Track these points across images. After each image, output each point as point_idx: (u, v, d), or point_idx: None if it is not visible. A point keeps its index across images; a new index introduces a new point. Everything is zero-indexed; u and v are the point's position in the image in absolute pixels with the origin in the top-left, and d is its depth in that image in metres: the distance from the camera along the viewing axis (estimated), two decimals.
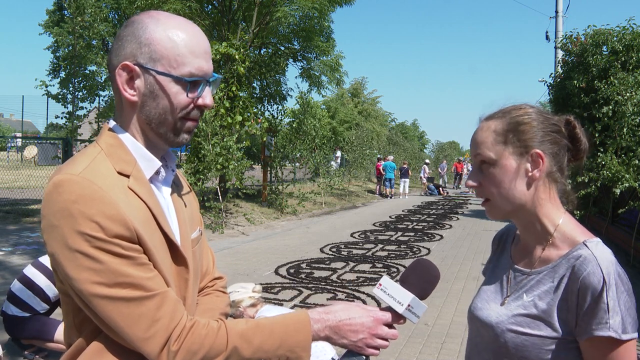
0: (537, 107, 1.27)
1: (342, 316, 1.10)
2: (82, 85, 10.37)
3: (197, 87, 1.09)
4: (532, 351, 1.15)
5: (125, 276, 0.97)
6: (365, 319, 1.11)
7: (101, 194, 0.97)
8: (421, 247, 9.53)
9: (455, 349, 4.52)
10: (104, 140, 1.10)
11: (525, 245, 1.28)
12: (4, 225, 9.48)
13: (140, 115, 1.09)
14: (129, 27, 1.09)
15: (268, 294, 6.12)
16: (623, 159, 8.31)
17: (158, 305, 0.99)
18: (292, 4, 15.28)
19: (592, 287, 1.09)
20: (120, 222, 0.97)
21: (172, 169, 1.21)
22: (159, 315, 0.99)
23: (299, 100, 17.24)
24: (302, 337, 1.06)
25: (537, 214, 1.22)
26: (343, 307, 1.13)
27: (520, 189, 1.20)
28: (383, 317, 1.12)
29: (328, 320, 1.10)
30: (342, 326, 1.10)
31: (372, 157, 25.19)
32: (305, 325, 1.08)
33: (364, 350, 1.11)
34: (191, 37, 1.08)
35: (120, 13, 27.13)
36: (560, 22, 17.79)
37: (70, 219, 0.95)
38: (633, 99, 8.34)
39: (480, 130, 1.26)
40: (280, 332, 1.06)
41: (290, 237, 10.83)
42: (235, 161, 10.87)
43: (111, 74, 1.10)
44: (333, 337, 1.10)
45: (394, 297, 1.14)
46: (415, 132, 57.73)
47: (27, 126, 45.70)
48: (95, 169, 1.02)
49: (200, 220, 1.32)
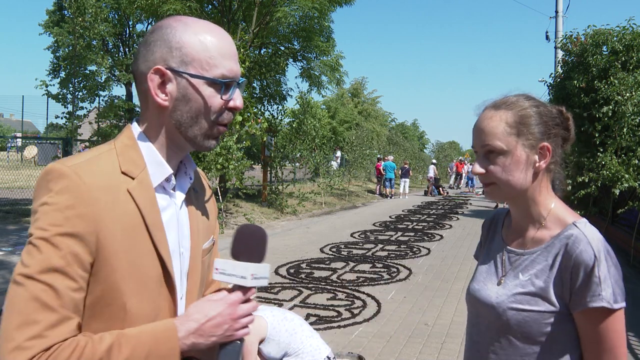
0: (538, 99, 1.33)
1: (199, 317, 1.05)
2: (82, 85, 10.37)
3: (229, 89, 1.09)
4: (533, 326, 1.23)
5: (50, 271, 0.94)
6: (220, 308, 1.07)
7: (83, 189, 0.97)
8: (421, 247, 9.53)
9: (455, 349, 4.52)
10: (121, 140, 1.10)
11: (518, 228, 1.36)
12: (4, 225, 9.48)
13: (169, 119, 1.09)
14: (156, 32, 1.08)
15: (268, 293, 6.12)
16: (623, 159, 8.31)
17: (42, 308, 0.93)
18: (292, 4, 15.26)
19: (585, 264, 1.18)
20: (84, 221, 0.96)
21: (189, 176, 1.19)
22: (38, 319, 0.93)
23: (299, 100, 17.25)
24: (171, 346, 1.01)
25: (535, 199, 1.31)
26: (196, 309, 1.07)
27: (527, 179, 1.28)
28: (236, 298, 1.09)
29: (189, 327, 1.04)
30: (203, 327, 1.05)
31: (372, 157, 25.19)
32: (172, 333, 1.02)
33: (235, 336, 1.09)
34: (220, 39, 1.08)
35: (120, 13, 27.20)
36: (560, 22, 17.78)
37: (44, 206, 0.96)
38: (633, 99, 8.34)
39: (489, 119, 1.30)
40: (148, 341, 1.00)
41: (290, 237, 10.84)
42: (235, 161, 10.87)
43: (138, 79, 1.10)
44: (200, 341, 1.04)
45: (234, 274, 1.10)
46: (415, 132, 57.71)
47: (27, 126, 45.70)
48: (94, 164, 1.02)
49: (216, 229, 1.30)
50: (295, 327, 3.07)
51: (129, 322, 1.02)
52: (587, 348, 1.23)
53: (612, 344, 1.20)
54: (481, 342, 1.35)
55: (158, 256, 1.06)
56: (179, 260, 1.14)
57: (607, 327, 1.19)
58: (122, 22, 29.94)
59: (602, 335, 1.19)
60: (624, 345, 1.21)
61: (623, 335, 1.21)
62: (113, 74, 26.25)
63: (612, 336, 1.19)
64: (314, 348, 3.05)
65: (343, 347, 4.49)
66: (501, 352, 1.29)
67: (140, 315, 1.03)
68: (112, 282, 1.00)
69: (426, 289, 6.60)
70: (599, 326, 1.19)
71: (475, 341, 1.38)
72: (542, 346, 1.24)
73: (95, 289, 0.99)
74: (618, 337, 1.20)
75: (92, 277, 0.99)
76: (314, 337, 3.13)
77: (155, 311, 1.06)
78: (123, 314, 1.01)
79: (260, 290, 6.17)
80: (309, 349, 3.03)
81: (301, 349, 3.02)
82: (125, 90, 29.70)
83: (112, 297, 1.00)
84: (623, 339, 1.21)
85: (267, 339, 3.01)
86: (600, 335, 1.20)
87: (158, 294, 1.07)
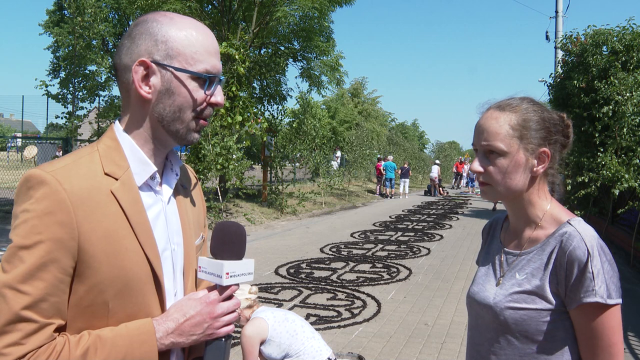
0: (542, 104, 1.34)
1: (177, 316, 1.06)
2: (82, 85, 10.34)
3: (212, 84, 1.11)
4: (530, 324, 1.24)
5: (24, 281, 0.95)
6: (199, 307, 1.07)
7: (62, 195, 0.98)
8: (421, 247, 9.53)
9: (455, 349, 4.52)
10: (103, 142, 1.10)
11: (515, 230, 1.38)
12: (4, 225, 9.48)
13: (152, 113, 1.09)
14: (141, 25, 1.09)
15: (268, 294, 6.12)
16: (623, 159, 8.30)
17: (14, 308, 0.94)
18: (292, 4, 15.27)
19: (578, 259, 1.19)
20: (63, 228, 0.97)
21: (175, 172, 1.19)
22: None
23: (299, 100, 17.24)
24: (148, 348, 1.01)
25: (531, 201, 1.32)
26: (175, 308, 1.08)
27: (523, 181, 1.29)
28: (214, 297, 1.10)
29: (168, 327, 1.05)
30: (182, 326, 1.06)
31: (372, 157, 25.18)
32: (150, 335, 1.03)
33: (217, 334, 1.09)
34: (204, 36, 1.10)
35: (120, 13, 27.18)
36: (560, 22, 17.78)
37: (24, 213, 0.97)
38: (633, 99, 8.34)
39: (492, 120, 1.30)
40: (124, 344, 1.00)
41: (290, 237, 10.84)
42: (235, 161, 10.87)
43: (120, 72, 1.10)
44: (179, 340, 1.05)
45: (213, 273, 1.10)
46: (415, 132, 57.75)
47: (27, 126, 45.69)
48: (74, 169, 1.02)
49: (205, 226, 1.30)
50: (296, 328, 3.07)
51: (112, 320, 1.03)
52: (584, 346, 1.23)
53: (609, 342, 1.19)
54: (481, 343, 1.36)
55: (145, 256, 1.06)
56: (171, 257, 1.14)
57: (603, 323, 1.19)
58: (122, 22, 29.94)
59: (597, 332, 1.19)
60: (621, 343, 1.21)
61: (619, 332, 1.20)
62: (113, 74, 26.24)
63: (607, 333, 1.19)
64: (315, 350, 3.05)
65: (343, 347, 4.49)
66: (501, 352, 1.30)
67: (124, 314, 1.04)
68: (94, 284, 1.01)
69: (426, 289, 6.60)
70: (593, 322, 1.19)
71: (476, 343, 1.39)
72: (541, 345, 1.25)
73: (78, 289, 1.00)
74: (614, 335, 1.19)
75: (76, 279, 1.00)
76: (315, 338, 3.13)
77: (143, 310, 1.06)
78: (106, 313, 1.02)
79: (260, 290, 6.17)
80: (309, 350, 3.03)
81: (302, 351, 3.02)
82: None
83: (95, 298, 1.01)
84: (619, 337, 1.20)
85: (267, 340, 3.01)
86: (596, 332, 1.20)
87: (144, 294, 1.07)
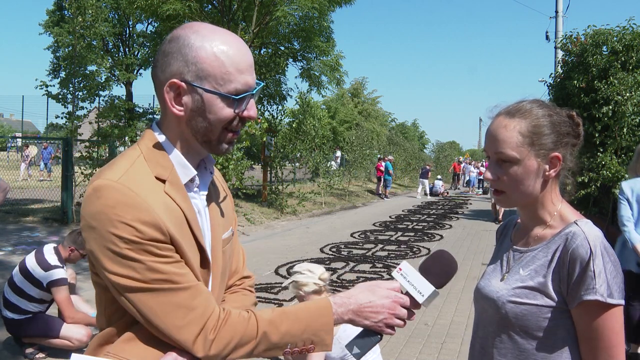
0: (551, 107, 1.34)
1: (363, 300, 1.18)
2: (82, 85, 10.32)
3: (243, 101, 1.13)
4: (530, 319, 1.26)
5: (161, 273, 1.04)
6: (385, 300, 1.19)
7: (138, 200, 1.03)
8: (421, 247, 9.53)
9: (455, 349, 4.52)
10: (145, 144, 1.15)
11: (525, 229, 1.41)
12: (4, 225, 9.48)
13: (186, 128, 1.14)
14: (173, 42, 1.11)
15: (268, 294, 6.13)
16: (623, 159, 8.31)
17: (193, 296, 1.06)
18: (292, 4, 15.25)
19: (581, 258, 1.20)
20: (155, 227, 1.04)
21: (210, 170, 1.26)
22: (194, 305, 1.06)
23: (299, 100, 17.24)
24: (326, 321, 1.14)
25: (543, 203, 1.34)
26: (363, 290, 1.20)
27: (537, 187, 1.31)
28: (401, 300, 1.20)
29: (350, 304, 1.17)
30: (363, 309, 1.17)
31: (372, 157, 25.16)
32: (327, 310, 1.15)
33: (384, 329, 1.19)
34: (236, 52, 1.11)
35: (120, 13, 27.20)
36: (560, 22, 17.77)
37: (108, 222, 1.02)
38: (633, 99, 8.34)
39: (502, 128, 1.31)
40: (305, 317, 1.14)
41: (290, 237, 10.84)
42: (235, 161, 10.86)
43: (157, 87, 1.15)
44: (356, 319, 1.18)
45: (414, 285, 1.21)
46: (415, 132, 57.67)
47: (27, 126, 45.66)
48: (133, 175, 1.08)
49: (235, 220, 1.38)
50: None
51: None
52: (584, 347, 1.23)
53: (609, 343, 1.18)
54: (484, 337, 1.39)
55: (198, 246, 1.15)
56: None
57: (603, 323, 1.18)
58: (122, 22, 29.96)
59: (597, 332, 1.19)
60: (621, 345, 1.19)
61: (620, 334, 1.19)
62: (113, 74, 26.23)
63: (608, 334, 1.18)
64: (372, 350, 3.01)
65: None
66: (502, 346, 1.32)
67: None
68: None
69: None
70: (594, 322, 1.19)
71: (479, 336, 1.42)
72: (541, 342, 1.26)
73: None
74: (615, 336, 1.19)
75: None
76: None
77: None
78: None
79: (260, 290, 6.18)
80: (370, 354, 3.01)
81: None
82: (125, 90, 29.69)
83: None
84: (620, 339, 1.19)
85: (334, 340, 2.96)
86: (596, 332, 1.19)
87: (200, 277, 1.15)
